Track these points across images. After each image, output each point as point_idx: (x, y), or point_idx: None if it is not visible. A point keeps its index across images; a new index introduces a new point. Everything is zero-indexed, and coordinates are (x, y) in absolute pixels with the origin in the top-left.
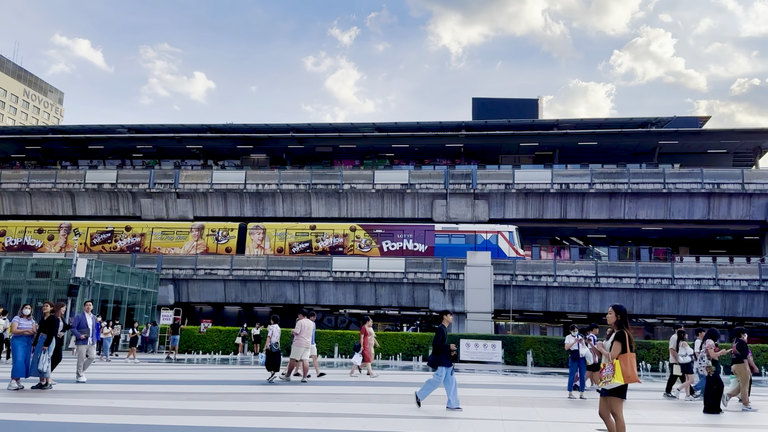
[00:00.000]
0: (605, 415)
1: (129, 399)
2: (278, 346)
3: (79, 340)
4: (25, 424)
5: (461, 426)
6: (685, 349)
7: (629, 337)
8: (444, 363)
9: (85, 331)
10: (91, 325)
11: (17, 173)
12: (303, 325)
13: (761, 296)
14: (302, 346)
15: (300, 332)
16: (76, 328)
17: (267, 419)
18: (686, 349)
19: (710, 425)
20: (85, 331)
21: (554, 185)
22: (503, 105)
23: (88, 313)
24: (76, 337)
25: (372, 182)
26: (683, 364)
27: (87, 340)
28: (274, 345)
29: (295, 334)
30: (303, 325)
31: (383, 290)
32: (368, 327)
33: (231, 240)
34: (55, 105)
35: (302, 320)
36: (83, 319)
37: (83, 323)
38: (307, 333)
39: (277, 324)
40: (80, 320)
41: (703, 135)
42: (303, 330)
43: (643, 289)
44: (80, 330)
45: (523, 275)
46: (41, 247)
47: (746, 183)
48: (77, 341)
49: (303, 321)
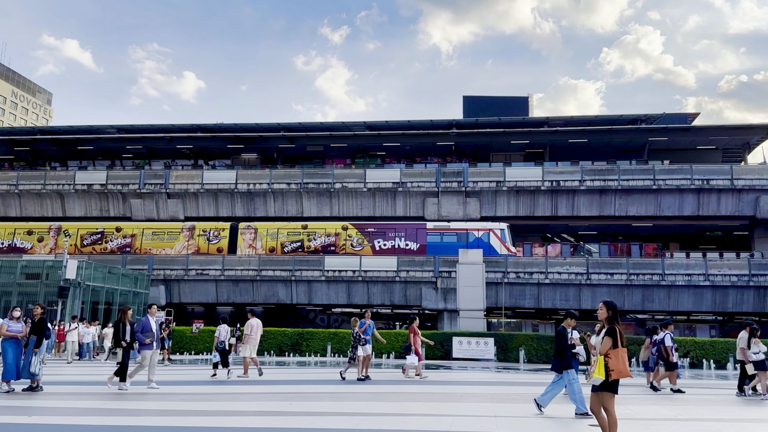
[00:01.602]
0: (596, 411)
1: (121, 400)
2: (224, 344)
3: (143, 345)
4: (16, 426)
5: (454, 423)
6: (758, 347)
7: (620, 332)
8: (571, 365)
9: (149, 336)
10: (155, 329)
11: (6, 175)
12: (252, 324)
13: (751, 291)
14: (251, 344)
15: (250, 332)
16: (140, 332)
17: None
18: (759, 346)
19: (701, 419)
20: (149, 336)
21: (545, 182)
22: (494, 103)
23: (152, 317)
24: (140, 342)
25: (363, 181)
26: (756, 362)
27: (152, 344)
28: (219, 344)
29: (246, 335)
30: (252, 325)
31: (376, 289)
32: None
33: (222, 240)
34: (44, 106)
35: (251, 320)
36: (147, 323)
37: (147, 327)
38: (256, 332)
39: (226, 324)
40: (144, 324)
41: (692, 131)
42: (253, 329)
43: (634, 285)
44: (144, 334)
45: (514, 272)
46: (31, 248)
47: (735, 179)
48: (141, 346)
49: (252, 321)
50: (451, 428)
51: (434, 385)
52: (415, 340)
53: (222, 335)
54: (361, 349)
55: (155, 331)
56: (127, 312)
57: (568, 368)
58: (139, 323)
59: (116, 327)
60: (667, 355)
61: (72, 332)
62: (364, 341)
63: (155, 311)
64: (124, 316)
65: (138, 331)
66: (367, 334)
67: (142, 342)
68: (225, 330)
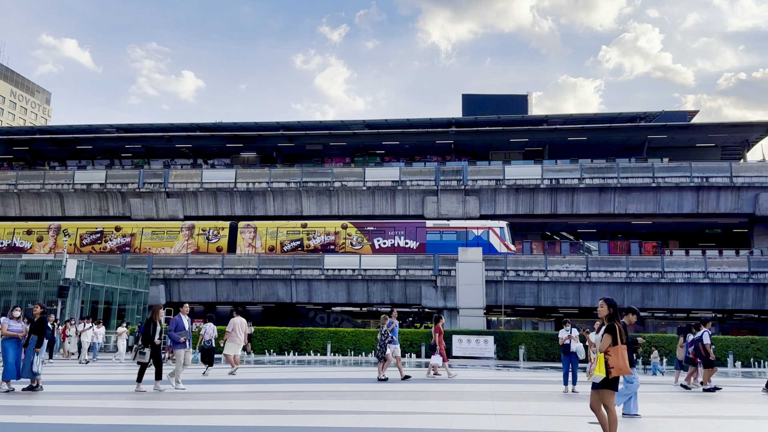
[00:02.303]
0: (596, 408)
1: (121, 399)
2: (210, 343)
3: (177, 344)
4: (16, 426)
5: (454, 421)
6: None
7: (620, 329)
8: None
9: (183, 334)
10: (187, 327)
11: (5, 174)
12: (235, 323)
13: (750, 288)
14: (235, 342)
15: (232, 330)
16: (173, 330)
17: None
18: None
19: (701, 416)
20: (183, 334)
21: (544, 180)
22: (493, 101)
23: (184, 316)
24: (173, 341)
25: (363, 180)
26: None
27: (185, 344)
28: (207, 342)
29: (227, 332)
30: (235, 323)
31: (375, 287)
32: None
33: (222, 239)
34: (43, 105)
35: (234, 319)
36: (180, 322)
37: (180, 326)
38: (239, 330)
39: (212, 323)
40: (177, 323)
41: (691, 129)
42: (235, 328)
43: (633, 283)
44: (178, 333)
45: (514, 270)
46: (30, 248)
47: (734, 176)
48: (175, 345)
49: (235, 319)
50: (451, 426)
51: (434, 383)
52: (440, 339)
53: (208, 334)
54: (389, 349)
55: (188, 329)
56: (158, 311)
57: (633, 365)
58: (172, 322)
59: (146, 326)
60: (706, 353)
61: (86, 332)
62: (392, 339)
63: (187, 310)
64: (155, 314)
65: (171, 330)
66: (395, 334)
67: (176, 341)
68: (211, 329)
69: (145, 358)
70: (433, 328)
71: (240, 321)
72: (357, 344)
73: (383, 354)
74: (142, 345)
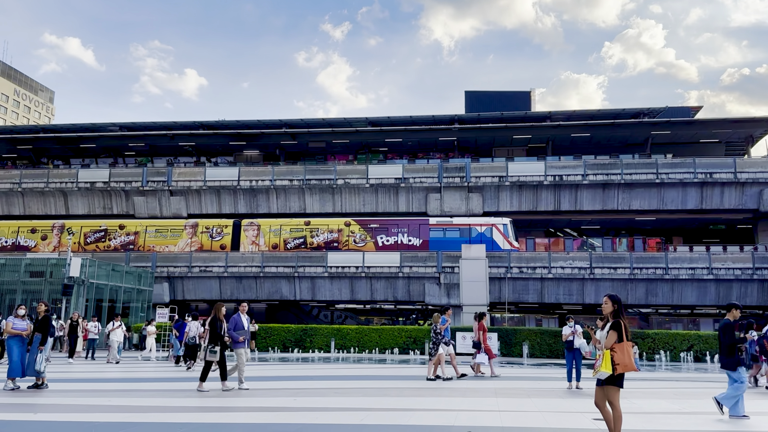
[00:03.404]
0: (601, 405)
1: (126, 397)
2: (194, 339)
3: (237, 342)
4: (22, 423)
5: (458, 417)
6: None
7: (625, 326)
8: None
9: (242, 333)
10: (246, 326)
11: (9, 173)
12: None
13: (755, 284)
14: None
15: None
16: (233, 329)
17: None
18: None
19: (705, 413)
20: (242, 333)
21: (547, 177)
22: (496, 98)
23: (243, 314)
24: (233, 339)
25: (366, 177)
26: None
27: (245, 342)
28: (191, 339)
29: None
30: None
31: (379, 285)
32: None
33: (225, 237)
34: (46, 104)
35: None
36: (239, 320)
37: (240, 325)
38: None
39: (195, 321)
40: (236, 321)
41: (695, 125)
42: None
43: (637, 279)
44: (237, 332)
45: (517, 267)
46: (35, 247)
47: (738, 172)
48: (235, 344)
49: None
50: (455, 423)
51: (438, 380)
52: (485, 337)
53: (192, 331)
54: (442, 348)
55: (247, 328)
56: (221, 308)
57: (741, 365)
58: (231, 320)
59: (212, 325)
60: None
61: (116, 331)
62: (446, 340)
63: (246, 308)
64: (218, 312)
65: (231, 329)
66: (448, 333)
67: (236, 339)
68: (195, 326)
69: (216, 356)
70: (477, 326)
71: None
72: (361, 341)
73: (436, 353)
74: (212, 344)
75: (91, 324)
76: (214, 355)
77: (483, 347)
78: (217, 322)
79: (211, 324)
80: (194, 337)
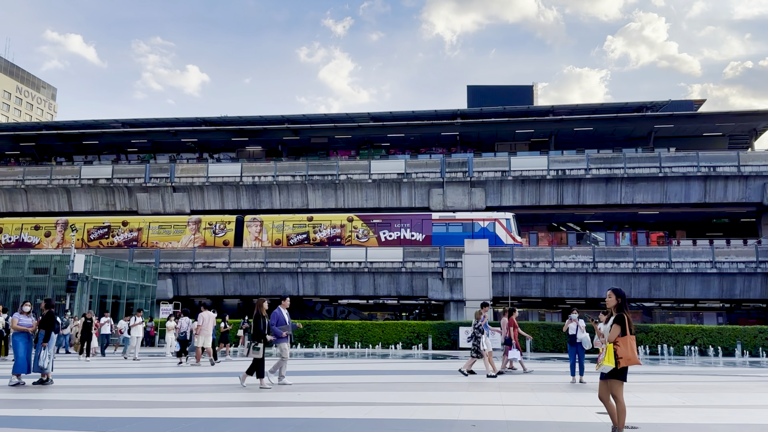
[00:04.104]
0: (605, 398)
1: (131, 393)
2: (185, 335)
3: (279, 338)
4: (27, 419)
5: (462, 412)
6: None
7: (629, 320)
8: None
9: (285, 329)
10: (288, 322)
11: (12, 170)
12: (204, 317)
13: (758, 278)
14: (203, 335)
15: (202, 323)
16: (275, 325)
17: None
18: None
19: (709, 406)
20: (285, 329)
21: (550, 172)
22: (498, 92)
23: (284, 309)
24: (277, 335)
25: (368, 172)
26: None
27: (287, 338)
28: (182, 334)
29: (198, 325)
30: (204, 318)
31: (382, 280)
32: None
33: (228, 233)
34: (49, 101)
35: (203, 313)
36: (281, 316)
37: (282, 320)
38: (207, 324)
39: (187, 317)
40: (278, 317)
41: (698, 118)
42: (204, 322)
43: (640, 273)
44: (280, 327)
45: (520, 262)
46: (38, 243)
47: (742, 165)
48: (278, 340)
49: (204, 314)
50: (459, 417)
51: (442, 374)
52: (516, 332)
53: (183, 326)
54: (486, 344)
55: (289, 323)
56: (263, 304)
57: None
58: (273, 316)
59: (255, 320)
60: None
61: (137, 327)
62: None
63: (288, 304)
64: (261, 308)
65: (273, 324)
66: (487, 328)
67: (279, 335)
68: (186, 322)
69: (259, 353)
70: (507, 322)
71: (208, 315)
72: (364, 336)
73: (479, 347)
74: (255, 341)
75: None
76: (258, 352)
77: (514, 343)
78: (260, 318)
79: (254, 320)
80: (185, 333)
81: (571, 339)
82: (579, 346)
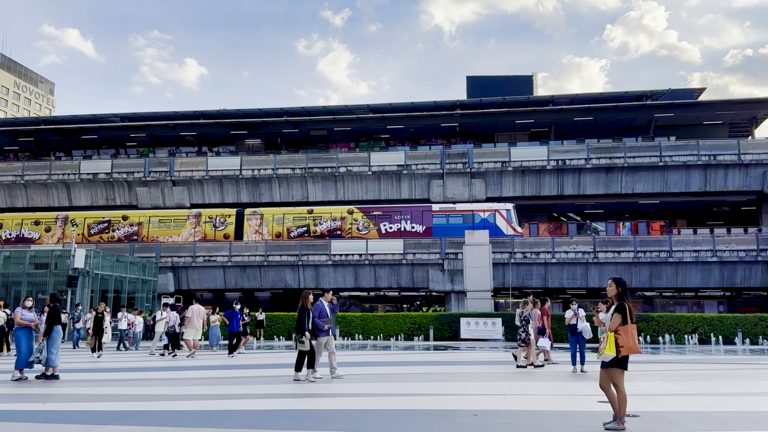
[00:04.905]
0: (606, 387)
1: (134, 386)
2: (174, 328)
3: (322, 331)
4: (30, 413)
5: (464, 401)
6: None
7: (630, 308)
8: None
9: (327, 322)
10: (330, 315)
11: (11, 165)
12: (194, 310)
13: (759, 266)
14: (194, 328)
15: (191, 316)
16: (317, 317)
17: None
18: None
19: (710, 394)
20: (327, 322)
21: (550, 162)
22: (497, 83)
23: (326, 302)
24: (319, 328)
25: (368, 164)
26: None
27: (329, 331)
28: (171, 328)
29: (187, 318)
30: (194, 310)
31: (382, 272)
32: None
33: (229, 226)
34: (47, 96)
35: (192, 306)
36: (323, 308)
37: (324, 313)
38: (197, 317)
39: (175, 312)
40: (320, 309)
41: (698, 107)
42: (194, 314)
43: (641, 263)
44: (322, 320)
45: (521, 252)
46: (39, 238)
47: (742, 153)
48: (320, 332)
49: (193, 307)
50: (460, 407)
51: (443, 365)
52: (549, 322)
53: (171, 320)
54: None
55: (331, 316)
56: (308, 296)
57: None
58: (315, 308)
59: (300, 314)
60: None
61: (161, 322)
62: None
63: (329, 296)
64: (306, 301)
65: (316, 317)
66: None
67: (321, 328)
68: (174, 316)
69: (305, 346)
70: (540, 311)
71: (197, 308)
72: (365, 328)
73: (527, 339)
74: (299, 334)
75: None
76: (303, 344)
77: (547, 333)
78: (304, 311)
79: (299, 313)
80: (174, 326)
81: (571, 328)
82: (580, 335)
